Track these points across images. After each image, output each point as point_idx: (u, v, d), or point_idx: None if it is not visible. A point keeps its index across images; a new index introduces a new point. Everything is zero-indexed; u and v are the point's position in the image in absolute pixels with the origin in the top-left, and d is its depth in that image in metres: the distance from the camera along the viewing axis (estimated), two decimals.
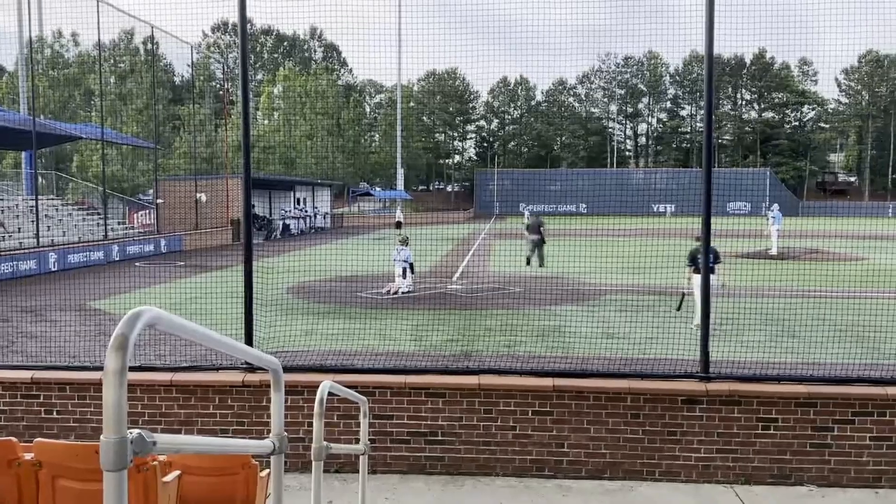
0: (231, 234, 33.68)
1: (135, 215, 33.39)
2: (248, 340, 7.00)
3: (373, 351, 10.30)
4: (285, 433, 2.87)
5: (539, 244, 22.82)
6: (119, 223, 31.68)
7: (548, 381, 6.59)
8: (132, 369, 7.20)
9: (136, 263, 24.38)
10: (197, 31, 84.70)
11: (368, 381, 6.63)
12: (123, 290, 17.46)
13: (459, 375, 6.76)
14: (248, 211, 7.21)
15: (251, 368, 6.85)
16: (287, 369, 6.91)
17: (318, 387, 3.69)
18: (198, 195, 32.20)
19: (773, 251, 26.15)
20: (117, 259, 25.26)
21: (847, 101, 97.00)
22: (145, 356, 9.14)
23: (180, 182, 36.20)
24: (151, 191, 35.59)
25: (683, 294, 13.47)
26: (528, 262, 22.59)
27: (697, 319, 12.84)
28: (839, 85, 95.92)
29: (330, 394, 3.77)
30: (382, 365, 7.37)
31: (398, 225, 37.84)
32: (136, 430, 1.71)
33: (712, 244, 10.43)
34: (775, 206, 28.81)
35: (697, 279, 12.75)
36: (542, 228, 23.13)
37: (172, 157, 49.91)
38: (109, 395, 1.63)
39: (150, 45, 38.57)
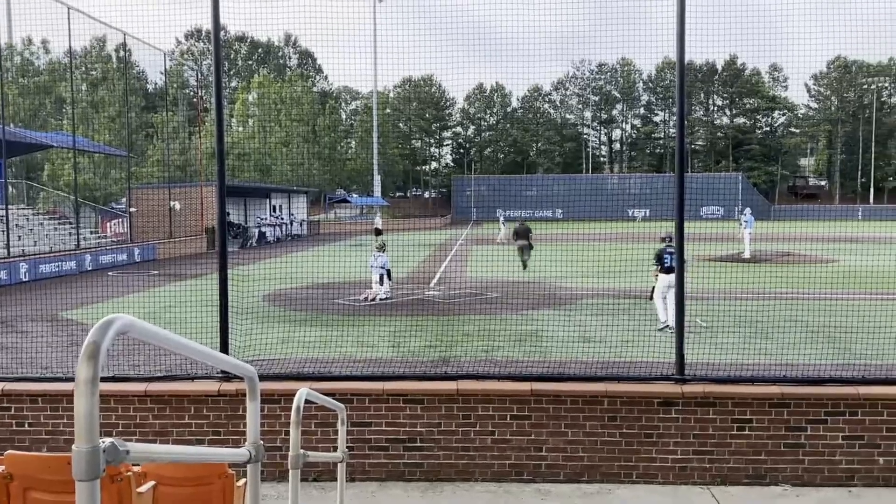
0: (206, 242, 33.36)
1: (107, 224, 32.95)
2: (224, 349, 6.94)
3: (351, 358, 10.26)
4: (261, 441, 2.85)
5: (527, 248, 23.46)
6: (91, 232, 31.24)
7: (525, 386, 6.62)
8: (105, 380, 7.10)
9: (109, 273, 24.05)
10: (170, 39, 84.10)
11: (346, 388, 6.60)
12: (96, 300, 17.21)
13: (437, 381, 6.76)
14: (222, 219, 7.16)
15: (227, 377, 6.79)
16: (263, 377, 6.87)
17: (294, 395, 3.68)
18: (172, 203, 31.87)
19: (747, 254, 26.51)
20: (90, 268, 24.89)
21: (817, 106, 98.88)
22: (119, 366, 9.02)
23: (154, 190, 35.82)
24: (124, 199, 35.14)
25: (651, 296, 13.71)
26: (525, 267, 22.98)
27: (664, 318, 13.15)
28: (809, 90, 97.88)
29: (307, 401, 3.76)
30: (360, 372, 7.35)
31: (377, 231, 37.71)
32: (109, 440, 1.69)
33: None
34: (748, 210, 29.24)
35: (662, 279, 13.11)
36: (530, 234, 23.96)
37: (146, 166, 49.36)
38: (81, 405, 1.62)
39: (122, 53, 38.13)
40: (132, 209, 30.86)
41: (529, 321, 13.86)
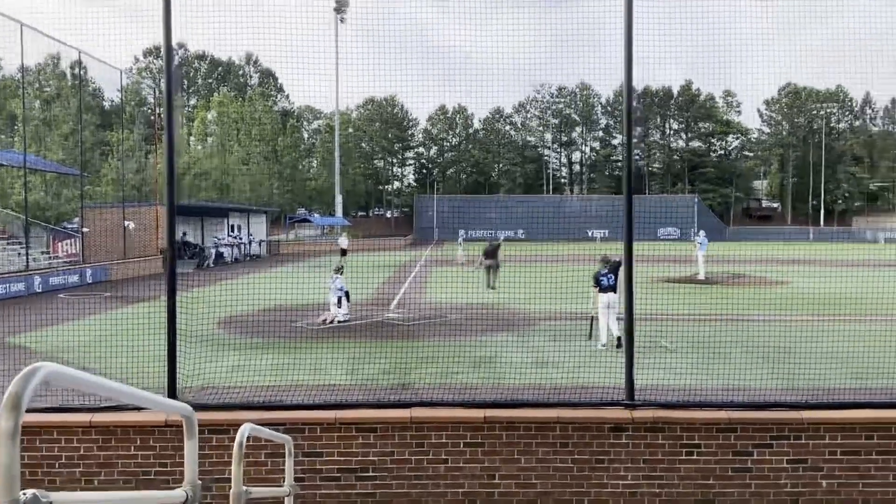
0: (161, 262, 32.76)
1: (59, 244, 32.13)
2: (172, 377, 6.81)
3: (305, 385, 10.14)
4: (199, 481, 2.80)
5: (495, 268, 23.72)
6: (42, 253, 30.42)
7: (479, 413, 6.62)
8: (49, 410, 6.90)
9: (60, 295, 23.42)
10: (129, 55, 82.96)
11: (297, 417, 6.52)
12: (45, 325, 16.72)
13: (391, 409, 6.72)
14: (172, 245, 7.06)
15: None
16: (212, 407, 6.76)
17: (244, 425, 3.63)
18: (126, 223, 31.26)
19: (701, 276, 27.04)
20: (39, 290, 24.21)
21: (769, 130, 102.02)
22: (64, 395, 8.77)
23: (108, 210, 35.10)
24: (77, 219, 34.35)
25: (593, 318, 14.13)
26: (492, 287, 23.24)
27: (604, 339, 13.62)
28: (761, 115, 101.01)
29: (253, 436, 3.71)
30: (313, 400, 7.27)
31: (343, 252, 37.36)
32: (31, 491, 1.66)
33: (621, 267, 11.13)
34: (702, 233, 29.87)
35: (601, 298, 13.72)
36: (498, 252, 24.26)
37: (100, 185, 48.36)
38: (1, 457, 1.58)
39: (77, 70, 37.47)
40: (85, 229, 30.16)
41: (487, 345, 13.90)
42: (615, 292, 13.92)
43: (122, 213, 31.99)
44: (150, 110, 58.82)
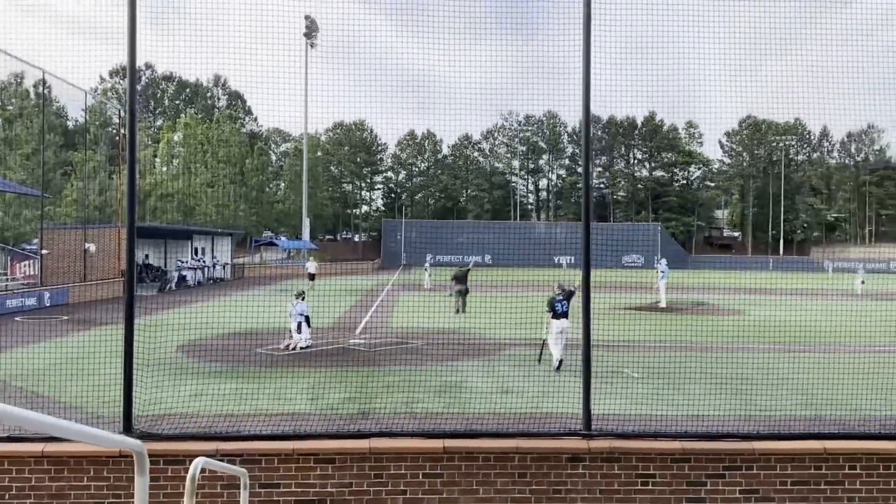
0: (122, 285, 32.19)
1: (17, 266, 31.40)
2: (128, 406, 6.73)
3: (265, 413, 10.06)
4: None
5: (464, 292, 24.22)
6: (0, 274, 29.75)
7: (438, 443, 6.65)
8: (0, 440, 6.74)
9: (17, 318, 22.86)
10: (94, 76, 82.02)
11: (254, 448, 6.48)
12: (0, 349, 16.32)
13: (349, 439, 6.71)
14: (131, 272, 7.00)
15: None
16: (168, 438, 6.68)
17: (201, 456, 3.62)
18: (87, 245, 30.69)
19: (662, 304, 27.46)
20: None
21: (730, 161, 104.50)
22: None
23: (68, 231, 34.47)
24: (36, 240, 33.62)
25: (543, 342, 14.46)
26: (461, 311, 23.59)
27: (558, 356, 14.04)
28: (722, 146, 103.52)
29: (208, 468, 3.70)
30: (271, 430, 7.22)
31: (311, 277, 36.99)
32: None
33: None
34: (663, 261, 30.40)
35: (554, 324, 14.17)
36: (468, 277, 24.71)
37: (62, 205, 47.46)
38: None
39: (41, 89, 36.94)
40: (44, 251, 29.53)
41: (451, 372, 13.92)
42: (567, 318, 14.42)
43: (83, 234, 31.40)
44: (114, 130, 58.10)
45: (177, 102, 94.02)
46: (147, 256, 37.35)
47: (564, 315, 14.53)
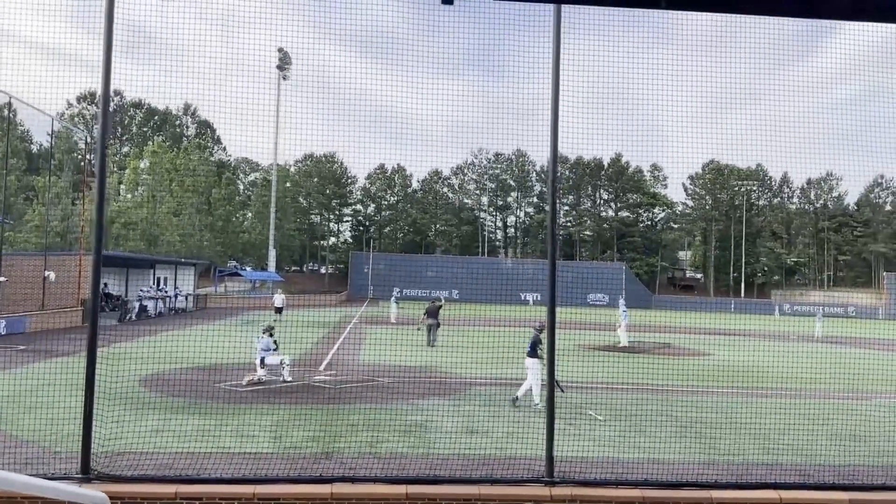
0: (81, 315, 31.50)
1: None
2: (86, 447, 6.59)
3: (227, 452, 9.89)
4: None
5: (435, 327, 25.91)
6: None
7: (401, 489, 6.63)
8: None
9: None
10: (61, 100, 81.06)
11: (215, 491, 6.39)
12: None
13: (311, 484, 6.66)
14: (95, 309, 6.93)
15: (87, 479, 6.42)
16: (128, 479, 6.55)
17: (161, 500, 3.58)
18: (46, 273, 30.03)
19: (623, 343, 27.74)
20: None
21: (693, 204, 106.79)
22: None
23: (27, 258, 33.74)
24: None
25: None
26: (431, 345, 25.19)
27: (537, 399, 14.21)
28: (686, 189, 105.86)
29: None
30: (233, 472, 7.13)
31: (278, 311, 36.37)
32: None
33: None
34: (622, 302, 30.82)
35: (529, 363, 14.43)
36: (439, 312, 26.45)
37: (22, 231, 46.47)
38: None
39: (6, 112, 36.43)
40: (2, 279, 28.81)
41: (418, 411, 13.85)
42: (531, 357, 14.74)
43: (43, 261, 30.75)
44: (79, 156, 57.34)
45: (145, 129, 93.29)
46: (106, 285, 36.64)
47: (529, 354, 14.86)
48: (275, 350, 17.55)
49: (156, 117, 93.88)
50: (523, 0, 4.82)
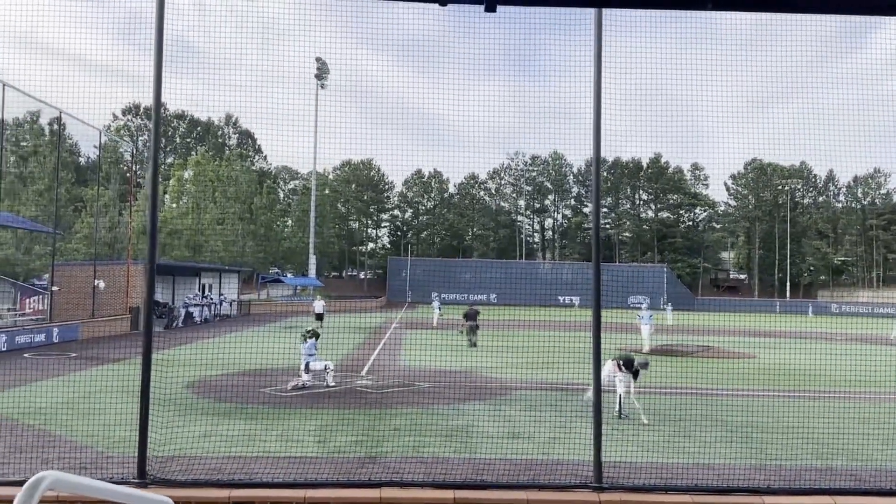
0: (130, 322, 32.31)
1: (26, 301, 31.59)
2: (142, 452, 6.78)
3: (275, 456, 10.06)
4: None
5: (475, 329, 27.42)
6: (9, 309, 29.86)
7: (449, 493, 6.66)
8: None
9: (25, 355, 22.95)
10: (107, 112, 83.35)
11: (266, 495, 6.50)
12: (9, 385, 16.37)
13: (361, 489, 6.73)
14: (149, 315, 7.12)
15: (144, 484, 6.60)
16: (183, 484, 6.71)
17: None
18: (96, 282, 30.89)
19: (646, 349, 26.87)
20: (4, 349, 23.67)
21: (735, 203, 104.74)
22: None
23: (78, 267, 34.73)
24: (46, 275, 33.86)
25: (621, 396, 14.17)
26: (474, 345, 26.45)
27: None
28: (728, 189, 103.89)
29: None
30: (283, 477, 7.25)
31: (319, 317, 36.76)
32: None
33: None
34: (644, 305, 30.14)
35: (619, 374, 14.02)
36: (478, 316, 27.93)
37: (71, 241, 47.87)
38: None
39: (55, 127, 37.60)
40: (55, 288, 29.71)
41: (460, 415, 13.89)
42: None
43: (92, 270, 31.62)
44: (125, 167, 58.87)
45: (188, 140, 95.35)
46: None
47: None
48: (316, 345, 17.73)
49: (198, 128, 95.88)
50: (565, 5, 4.82)
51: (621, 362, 14.32)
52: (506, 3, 4.24)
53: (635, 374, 14.37)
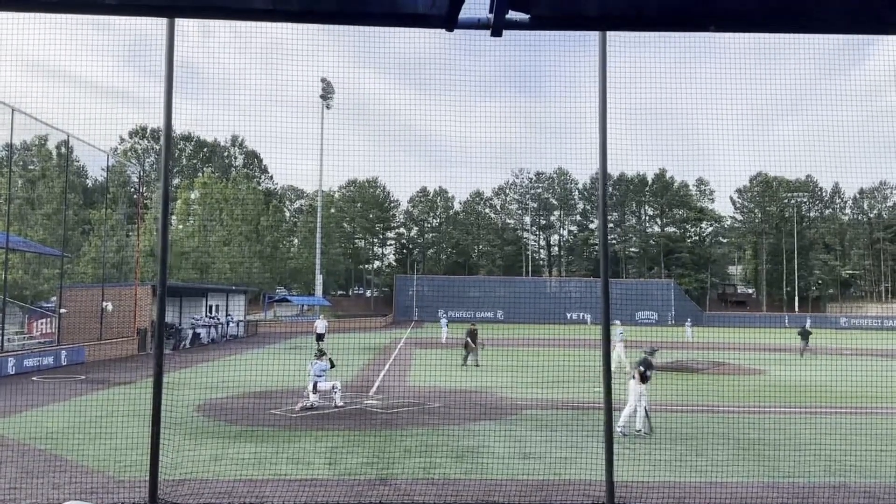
0: (137, 344, 32.35)
1: (34, 324, 31.66)
2: (154, 477, 6.78)
3: (285, 478, 10.02)
4: None
5: (480, 348, 27.57)
6: (17, 333, 29.92)
7: None
8: None
9: (34, 378, 22.97)
10: (114, 135, 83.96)
11: None
12: (18, 409, 16.38)
13: None
14: (160, 339, 7.14)
15: None
16: None
17: None
18: (104, 304, 30.96)
19: (627, 369, 25.86)
20: (12, 373, 23.69)
21: (741, 218, 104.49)
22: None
23: (85, 290, 34.83)
24: (54, 298, 33.98)
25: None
26: (477, 365, 26.49)
27: (640, 424, 13.56)
28: (734, 203, 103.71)
29: None
30: (293, 499, 7.23)
31: (319, 337, 36.65)
32: None
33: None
34: (617, 321, 29.06)
35: (638, 387, 13.72)
36: (476, 335, 27.80)
37: (79, 264, 48.05)
38: None
39: (63, 150, 37.90)
40: (63, 310, 29.79)
41: (470, 435, 13.82)
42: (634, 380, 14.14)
43: (100, 293, 31.71)
44: (133, 189, 59.23)
45: (194, 161, 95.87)
46: None
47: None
48: (330, 368, 17.71)
49: (205, 149, 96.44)
50: (570, 28, 4.88)
51: (643, 368, 14.11)
52: (511, 28, 4.29)
53: (648, 368, 14.14)
